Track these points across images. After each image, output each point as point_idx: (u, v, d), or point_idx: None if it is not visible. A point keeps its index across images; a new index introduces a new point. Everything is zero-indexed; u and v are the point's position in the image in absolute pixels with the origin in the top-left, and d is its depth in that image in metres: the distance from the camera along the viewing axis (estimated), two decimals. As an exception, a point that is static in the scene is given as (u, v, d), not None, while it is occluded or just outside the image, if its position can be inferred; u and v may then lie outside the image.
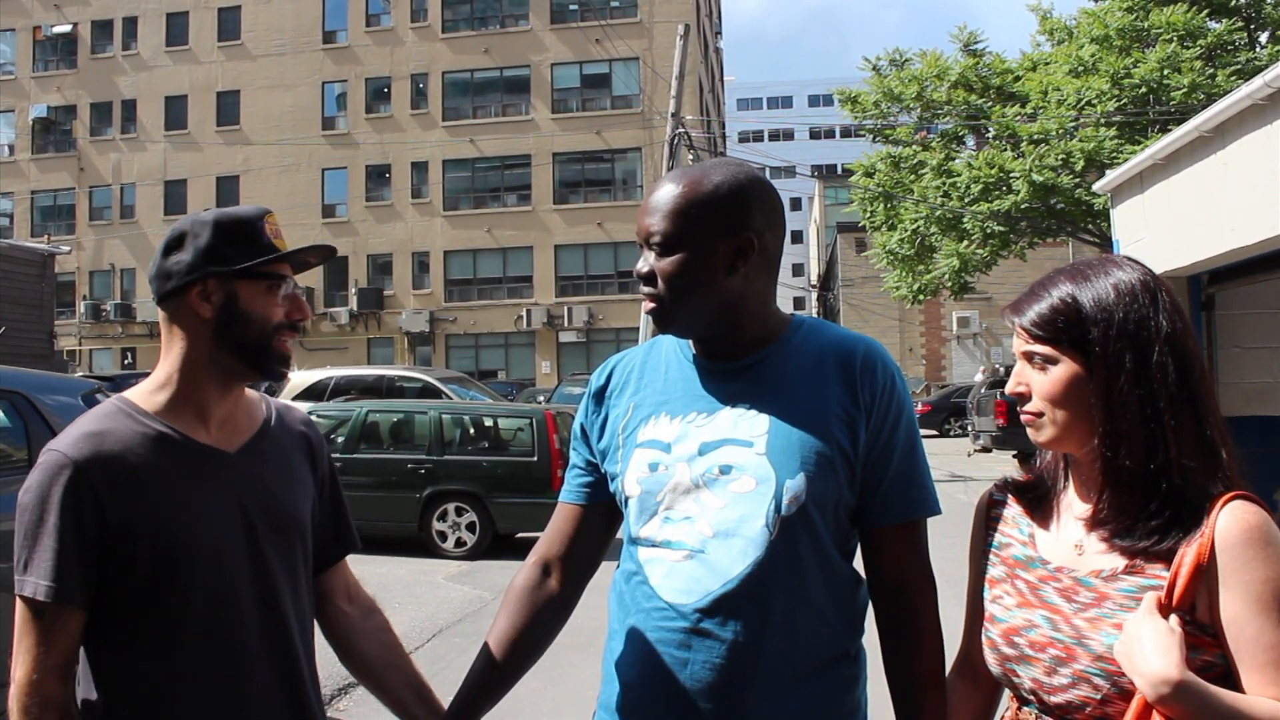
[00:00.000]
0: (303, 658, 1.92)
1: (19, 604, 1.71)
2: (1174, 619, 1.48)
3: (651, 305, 1.85)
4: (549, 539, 2.04)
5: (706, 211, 1.80)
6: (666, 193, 1.83)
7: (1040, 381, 1.64)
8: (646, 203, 1.86)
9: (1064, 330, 1.61)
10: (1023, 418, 1.69)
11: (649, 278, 1.84)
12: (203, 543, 1.77)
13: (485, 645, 1.97)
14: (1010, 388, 1.70)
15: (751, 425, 1.81)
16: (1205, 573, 1.50)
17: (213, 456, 1.84)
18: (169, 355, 1.86)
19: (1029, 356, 1.66)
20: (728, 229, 1.80)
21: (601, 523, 2.00)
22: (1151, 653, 1.44)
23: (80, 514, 1.70)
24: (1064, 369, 1.61)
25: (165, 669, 1.76)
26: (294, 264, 1.90)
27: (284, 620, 1.88)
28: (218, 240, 1.81)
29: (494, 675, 1.96)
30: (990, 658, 1.71)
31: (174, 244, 1.84)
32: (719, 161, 1.90)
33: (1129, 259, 1.70)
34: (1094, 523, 1.62)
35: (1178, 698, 1.42)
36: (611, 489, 1.95)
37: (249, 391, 1.98)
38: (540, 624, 1.99)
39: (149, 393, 1.86)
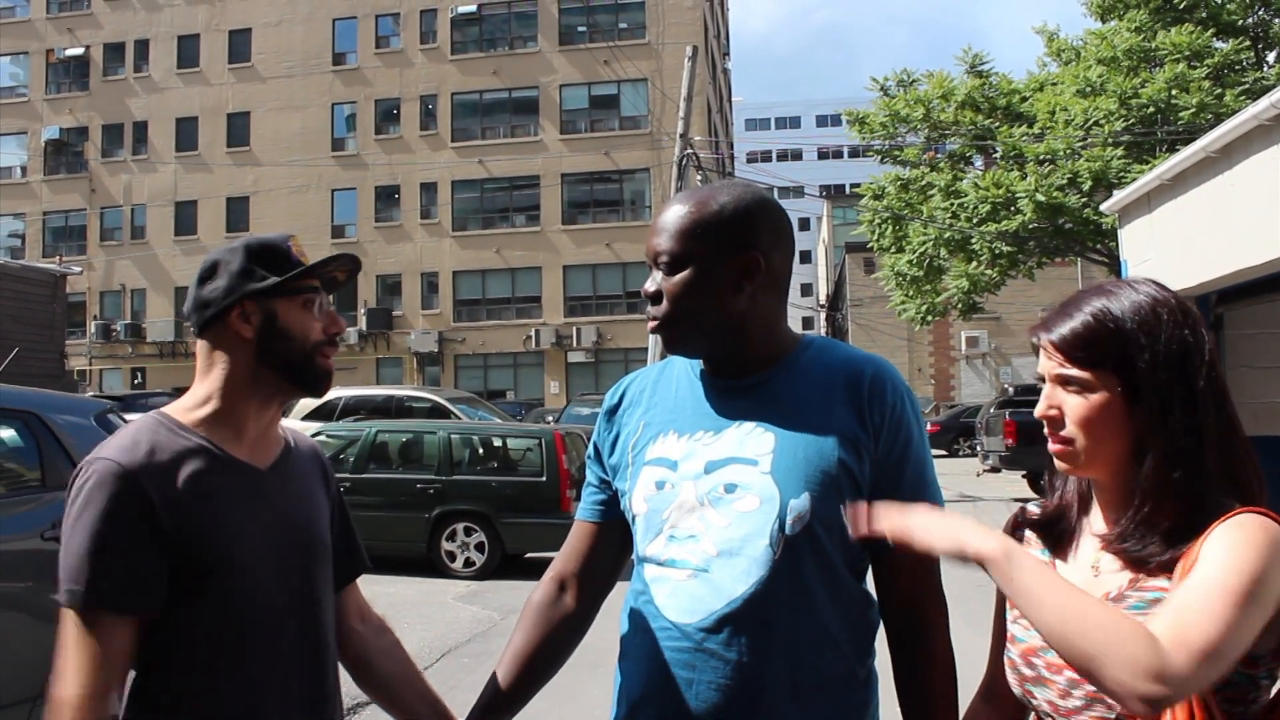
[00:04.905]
0: (332, 674, 1.95)
1: (67, 616, 1.69)
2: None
3: (654, 324, 1.86)
4: (565, 556, 2.05)
5: (712, 231, 1.81)
6: (674, 213, 1.84)
7: (1075, 405, 1.57)
8: (655, 223, 1.87)
9: (1105, 353, 1.55)
10: (1052, 446, 1.61)
11: (655, 297, 1.85)
12: (239, 557, 1.78)
13: (501, 660, 1.98)
14: (1041, 410, 1.62)
15: (757, 444, 1.80)
16: None
17: (248, 472, 1.86)
18: (208, 376, 1.87)
19: (1062, 380, 1.59)
20: (734, 248, 1.80)
21: (616, 540, 2.00)
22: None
23: (135, 520, 1.70)
24: (1103, 396, 1.55)
25: (195, 683, 1.75)
26: (323, 281, 1.93)
27: (317, 635, 1.90)
28: (250, 262, 1.84)
29: (509, 690, 1.96)
30: (1011, 678, 1.68)
31: (208, 274, 1.87)
32: (728, 182, 1.91)
33: (1156, 281, 1.64)
34: (1114, 542, 1.59)
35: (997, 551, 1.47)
36: (622, 507, 1.95)
37: None
38: (556, 639, 2.00)
39: (186, 409, 1.87)
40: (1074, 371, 1.58)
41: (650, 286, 1.86)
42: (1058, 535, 1.72)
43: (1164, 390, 1.53)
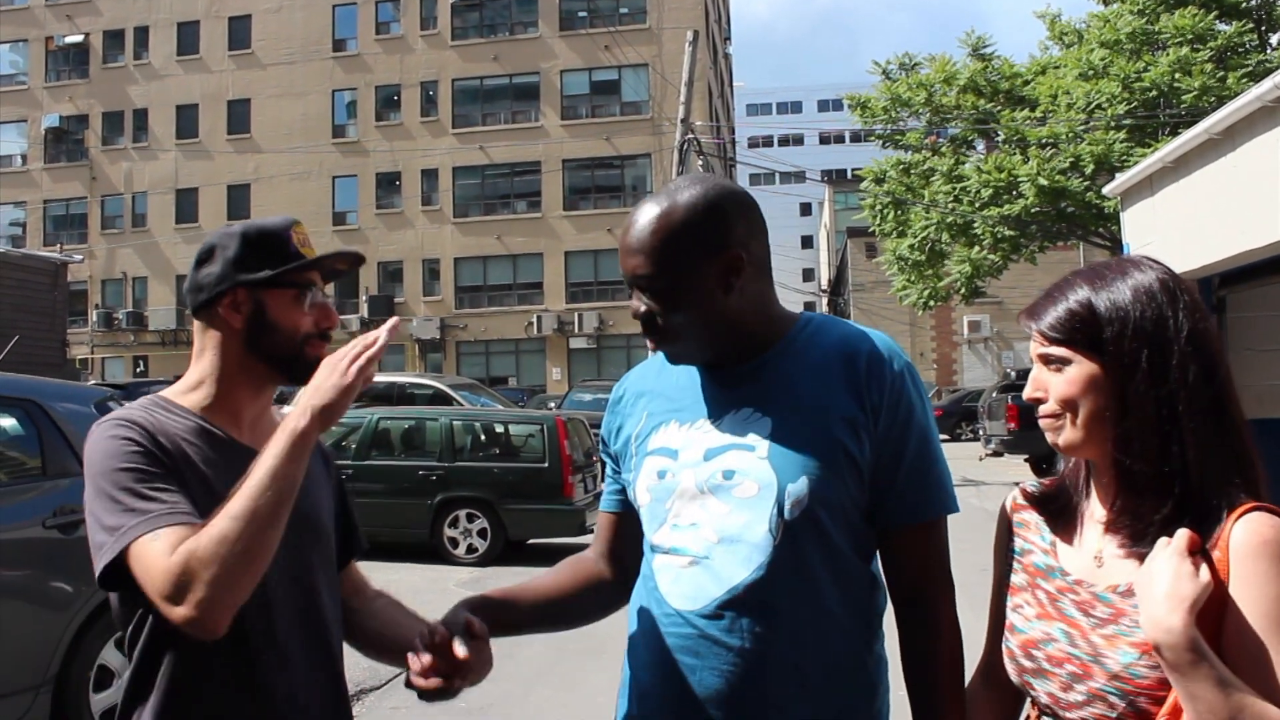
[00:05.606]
0: (338, 653, 1.95)
1: (135, 550, 1.60)
2: (1205, 571, 1.42)
3: (654, 348, 1.86)
4: (596, 544, 2.08)
5: (687, 242, 1.76)
6: (643, 229, 1.79)
7: (1056, 383, 1.59)
8: (625, 241, 1.81)
9: (1079, 331, 1.57)
10: (1041, 422, 1.63)
11: (648, 319, 1.82)
12: None
13: (520, 584, 2.00)
14: (1028, 392, 1.65)
15: (755, 429, 1.79)
16: (1224, 587, 1.44)
17: (249, 454, 1.82)
18: (202, 360, 1.89)
19: (1045, 359, 1.62)
20: (713, 252, 1.77)
21: (640, 527, 1.97)
22: (1162, 596, 1.40)
23: (155, 455, 1.70)
24: (1079, 370, 1.56)
25: (204, 664, 1.74)
26: (323, 272, 1.93)
27: (322, 615, 1.90)
28: (244, 251, 1.85)
29: (517, 600, 1.97)
30: (1010, 668, 1.67)
31: (204, 257, 1.88)
32: (686, 181, 1.85)
33: (1149, 259, 1.65)
34: (1109, 529, 1.58)
35: (1175, 652, 1.37)
36: (629, 496, 1.95)
37: None
38: (584, 590, 2.02)
39: (182, 392, 1.88)
40: (1052, 350, 1.61)
41: (640, 308, 1.82)
42: (1057, 512, 1.71)
43: (1129, 361, 1.54)
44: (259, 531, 1.58)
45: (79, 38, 46.15)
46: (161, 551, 1.58)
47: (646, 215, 1.80)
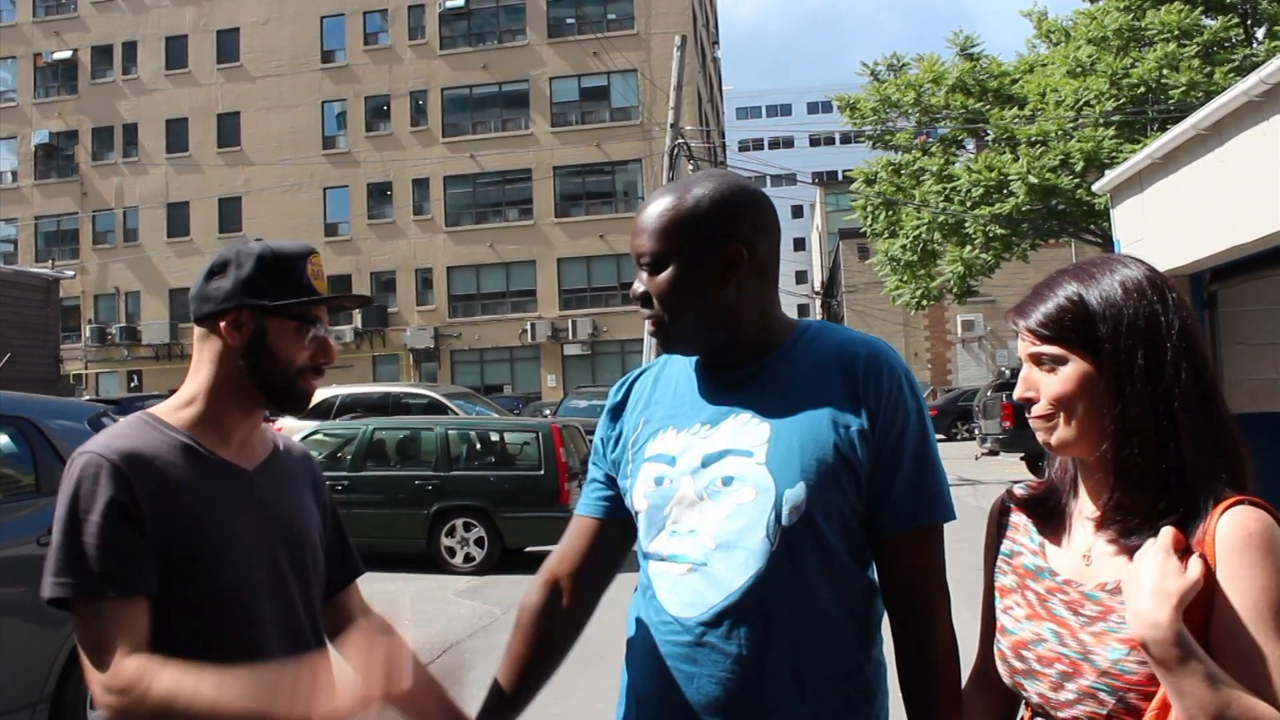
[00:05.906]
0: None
1: (78, 610, 1.69)
2: (1196, 562, 1.43)
3: (653, 327, 1.86)
4: (561, 554, 2.02)
5: (690, 228, 1.79)
6: (652, 211, 1.83)
7: (1049, 383, 1.59)
8: (636, 222, 1.86)
9: (1071, 329, 1.56)
10: (1032, 422, 1.62)
11: (644, 298, 1.85)
12: (226, 553, 1.79)
13: (501, 666, 1.98)
14: (1018, 393, 1.64)
15: (752, 435, 1.79)
16: (1211, 582, 1.44)
17: (234, 472, 1.88)
18: (197, 374, 1.90)
19: (1036, 359, 1.61)
20: (714, 243, 1.79)
21: (616, 537, 1.98)
22: (1148, 593, 1.41)
23: (124, 506, 1.71)
24: (1073, 369, 1.56)
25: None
26: (330, 308, 1.94)
27: (301, 630, 1.91)
28: (258, 274, 1.85)
29: (510, 696, 1.96)
30: (1001, 669, 1.67)
31: (217, 269, 1.88)
32: (705, 174, 1.89)
33: (1132, 257, 1.66)
34: (1100, 526, 1.58)
35: (1161, 648, 1.38)
36: (626, 504, 1.95)
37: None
38: (552, 643, 1.99)
39: (174, 409, 1.89)
40: (1044, 349, 1.60)
41: (639, 287, 1.86)
42: (1046, 514, 1.71)
43: (1125, 359, 1.54)
44: None
45: (67, 54, 46.07)
46: (116, 645, 1.66)
47: (659, 200, 1.85)
